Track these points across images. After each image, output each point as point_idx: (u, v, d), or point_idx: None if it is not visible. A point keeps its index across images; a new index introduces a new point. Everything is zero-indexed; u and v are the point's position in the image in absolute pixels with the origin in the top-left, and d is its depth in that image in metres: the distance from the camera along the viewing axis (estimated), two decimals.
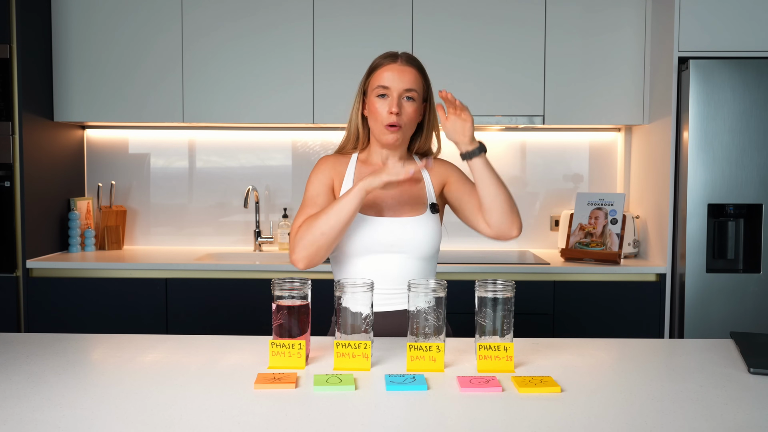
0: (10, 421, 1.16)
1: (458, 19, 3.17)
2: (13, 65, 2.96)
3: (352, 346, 1.44)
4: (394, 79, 1.73)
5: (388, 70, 1.74)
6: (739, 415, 1.20)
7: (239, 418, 1.17)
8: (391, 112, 1.71)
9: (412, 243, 1.74)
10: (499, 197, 1.72)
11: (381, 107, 1.73)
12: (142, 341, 1.68)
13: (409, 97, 1.74)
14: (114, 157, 3.57)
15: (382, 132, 1.74)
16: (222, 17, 3.21)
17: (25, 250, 2.99)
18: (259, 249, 3.48)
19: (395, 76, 1.73)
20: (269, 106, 3.22)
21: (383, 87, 1.73)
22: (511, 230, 1.75)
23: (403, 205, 1.78)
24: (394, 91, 1.73)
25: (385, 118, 1.72)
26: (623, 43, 3.17)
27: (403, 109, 1.73)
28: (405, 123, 1.74)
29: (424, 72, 1.80)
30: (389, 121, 1.72)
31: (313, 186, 1.78)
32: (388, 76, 1.74)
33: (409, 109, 1.74)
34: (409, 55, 1.79)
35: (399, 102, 1.72)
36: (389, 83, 1.73)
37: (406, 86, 1.73)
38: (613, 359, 1.59)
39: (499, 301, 1.47)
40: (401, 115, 1.72)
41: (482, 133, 3.49)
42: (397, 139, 1.74)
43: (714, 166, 2.82)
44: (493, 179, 1.71)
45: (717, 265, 2.90)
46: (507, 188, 1.75)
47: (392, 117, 1.71)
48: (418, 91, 1.75)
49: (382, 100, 1.74)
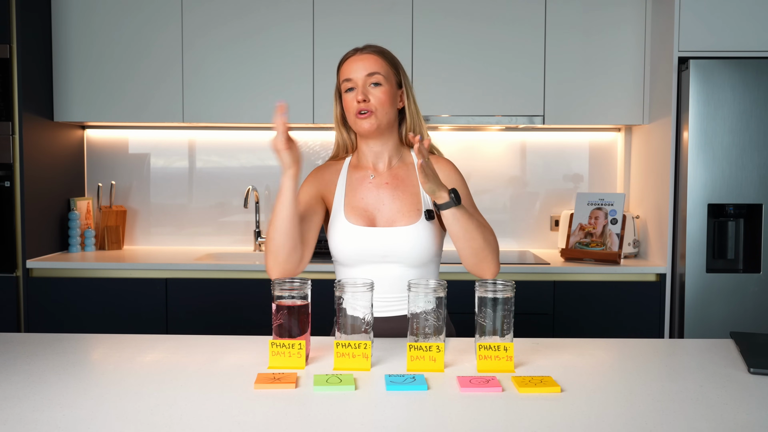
0: (10, 421, 1.16)
1: (458, 18, 3.17)
2: (13, 65, 2.96)
3: (352, 346, 1.44)
4: (355, 69, 1.71)
5: (349, 62, 1.73)
6: (739, 415, 1.20)
7: (239, 418, 1.17)
8: (358, 100, 1.69)
9: (406, 253, 1.70)
10: (469, 247, 1.64)
11: (350, 100, 1.71)
12: (142, 341, 1.68)
13: (374, 83, 1.71)
14: (114, 157, 3.57)
15: (356, 123, 1.72)
16: (222, 17, 3.21)
17: (25, 250, 2.99)
18: (259, 249, 3.48)
19: (355, 65, 1.71)
20: (269, 106, 3.20)
21: (347, 80, 1.72)
22: (483, 276, 1.68)
23: (397, 212, 1.73)
24: (357, 80, 1.71)
25: (354, 108, 1.70)
26: (623, 43, 3.17)
27: (370, 94, 1.70)
28: (376, 107, 1.70)
29: (389, 57, 1.76)
30: (357, 109, 1.70)
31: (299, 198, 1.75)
32: (348, 68, 1.72)
33: (376, 93, 1.70)
34: (369, 44, 1.77)
35: (364, 89, 1.70)
36: (351, 74, 1.71)
37: (368, 71, 1.70)
38: (613, 359, 1.59)
39: (499, 301, 1.47)
40: (369, 101, 1.70)
41: (482, 133, 3.50)
42: (371, 125, 1.70)
43: (714, 166, 2.82)
44: (462, 233, 1.62)
45: (717, 265, 2.90)
46: (481, 235, 1.64)
47: (360, 105, 1.69)
48: (382, 74, 1.71)
49: (351, 93, 1.72)
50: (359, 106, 1.70)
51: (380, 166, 1.79)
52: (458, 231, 1.63)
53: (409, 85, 1.79)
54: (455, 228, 1.63)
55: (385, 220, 1.73)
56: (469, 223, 1.63)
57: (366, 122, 1.70)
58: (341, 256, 1.72)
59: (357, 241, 1.70)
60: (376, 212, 1.74)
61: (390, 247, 1.70)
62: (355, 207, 1.74)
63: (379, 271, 1.71)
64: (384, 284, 1.70)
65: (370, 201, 1.75)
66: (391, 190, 1.76)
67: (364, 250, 1.70)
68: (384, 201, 1.75)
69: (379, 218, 1.74)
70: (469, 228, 1.63)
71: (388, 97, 1.72)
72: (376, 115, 1.71)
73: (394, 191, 1.75)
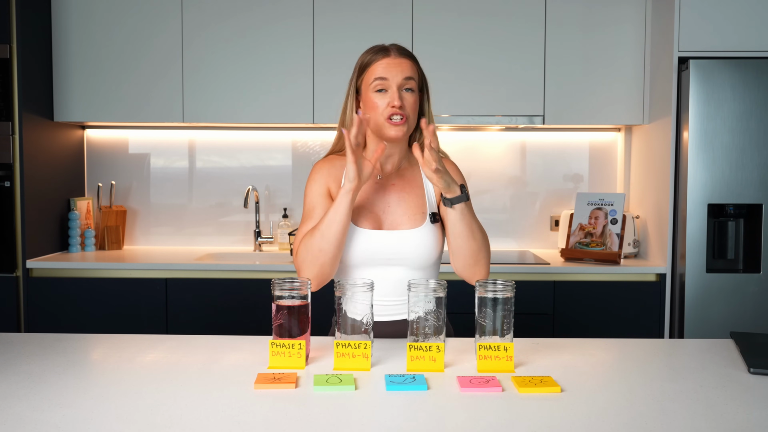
0: (10, 421, 1.16)
1: (458, 16, 3.17)
2: (13, 65, 2.96)
3: (352, 346, 1.44)
4: (392, 71, 1.68)
5: (383, 63, 1.69)
6: (739, 415, 1.20)
7: (239, 418, 1.17)
8: (394, 105, 1.66)
9: (410, 255, 1.70)
10: (465, 250, 1.65)
11: (380, 102, 1.68)
12: (142, 341, 1.68)
13: (408, 88, 1.69)
14: (114, 157, 3.57)
15: (386, 127, 1.68)
16: (221, 16, 3.21)
17: (25, 250, 2.99)
18: (259, 249, 3.48)
19: (392, 68, 1.68)
20: (269, 106, 3.22)
21: (381, 79, 1.68)
22: (471, 278, 1.70)
23: (402, 216, 1.73)
24: (393, 83, 1.68)
25: (387, 111, 1.67)
26: (623, 43, 3.17)
27: (405, 100, 1.68)
28: (409, 114, 1.69)
29: (417, 61, 1.75)
30: (391, 113, 1.66)
31: (309, 198, 1.74)
32: (384, 69, 1.69)
33: (410, 100, 1.69)
34: (399, 47, 1.74)
35: (400, 93, 1.68)
36: (388, 75, 1.67)
37: (405, 75, 1.68)
38: (613, 359, 1.59)
39: (499, 301, 1.47)
40: (404, 107, 1.68)
41: (482, 133, 3.49)
42: (404, 132, 1.69)
43: (714, 166, 2.82)
44: (465, 232, 1.63)
45: (717, 265, 2.90)
46: (479, 239, 1.65)
47: (395, 109, 1.66)
48: (416, 81, 1.71)
49: (381, 95, 1.68)
50: (394, 111, 1.67)
51: (388, 167, 1.78)
52: (462, 229, 1.64)
53: (428, 89, 1.78)
54: (459, 226, 1.64)
55: (391, 223, 1.73)
56: (473, 221, 1.65)
57: (399, 129, 1.68)
58: (346, 257, 1.71)
59: (363, 244, 1.69)
60: (382, 214, 1.73)
61: (395, 250, 1.69)
62: (361, 208, 1.73)
63: (382, 273, 1.70)
64: (387, 287, 1.70)
65: (376, 202, 1.74)
66: (397, 192, 1.75)
67: (369, 253, 1.69)
68: (390, 203, 1.74)
69: (384, 220, 1.73)
70: (472, 227, 1.65)
71: (417, 104, 1.72)
72: (408, 122, 1.69)
73: (401, 193, 1.75)
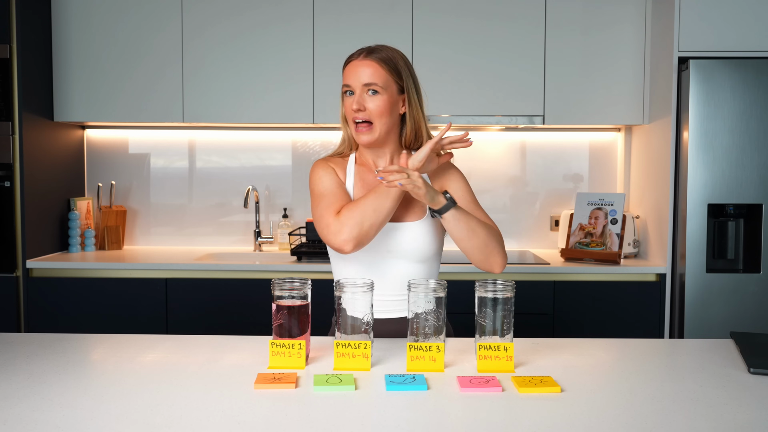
0: (10, 421, 1.16)
1: (458, 17, 3.17)
2: (13, 65, 2.96)
3: (352, 346, 1.44)
4: (353, 75, 1.70)
5: (350, 67, 1.72)
6: (739, 415, 1.20)
7: (239, 418, 1.17)
8: (353, 108, 1.69)
9: (410, 248, 1.71)
10: (473, 245, 1.67)
11: (347, 105, 1.72)
12: (142, 341, 1.68)
13: (371, 90, 1.69)
14: (114, 157, 3.57)
15: (355, 134, 1.72)
16: (221, 16, 3.21)
17: (25, 250, 2.99)
18: (259, 249, 3.48)
19: (354, 72, 1.70)
20: (269, 106, 3.22)
21: (345, 85, 1.72)
22: (492, 270, 1.71)
23: (403, 209, 1.73)
24: (355, 87, 1.70)
25: (351, 115, 1.71)
26: (623, 43, 3.17)
27: (366, 103, 1.69)
28: (373, 117, 1.69)
29: (388, 62, 1.72)
30: (353, 117, 1.70)
31: (324, 182, 1.72)
32: (348, 73, 1.72)
33: (373, 103, 1.69)
34: (373, 48, 1.73)
35: (360, 98, 1.69)
36: (350, 80, 1.70)
37: (365, 81, 1.69)
38: (613, 359, 1.59)
39: (499, 301, 1.47)
40: (365, 110, 1.69)
41: (482, 133, 3.50)
42: (370, 138, 1.70)
43: (714, 166, 2.82)
44: (464, 231, 1.64)
45: (717, 265, 2.90)
46: (481, 232, 1.66)
47: (355, 113, 1.69)
48: (379, 84, 1.69)
49: (349, 98, 1.72)
50: (355, 115, 1.70)
51: (381, 164, 1.79)
52: (461, 232, 1.64)
53: (413, 89, 1.75)
54: (457, 230, 1.64)
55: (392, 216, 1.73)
56: (469, 220, 1.65)
57: (365, 136, 1.70)
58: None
59: None
60: None
61: (395, 242, 1.70)
62: None
63: (382, 266, 1.71)
64: (386, 281, 1.71)
65: None
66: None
67: (370, 245, 1.69)
68: None
69: None
70: (470, 225, 1.65)
71: (386, 107, 1.70)
72: (374, 126, 1.70)
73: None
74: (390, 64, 1.72)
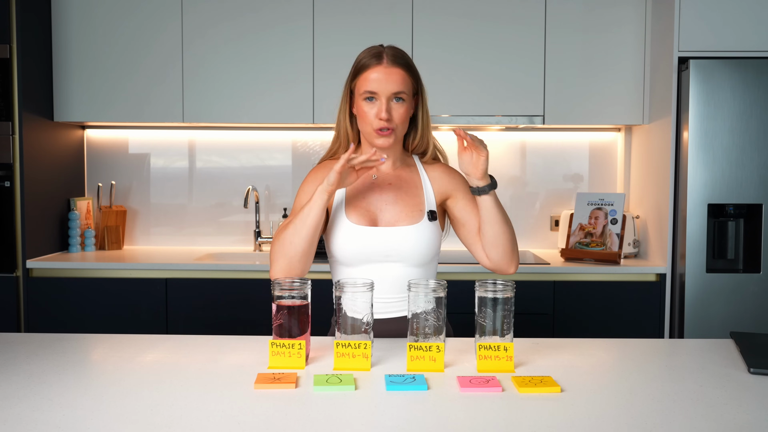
0: (10, 421, 1.16)
1: (458, 18, 3.17)
2: (13, 65, 2.96)
3: (352, 346, 1.44)
4: (381, 83, 1.66)
5: (374, 72, 1.67)
6: (739, 415, 1.20)
7: (239, 418, 1.17)
8: (381, 117, 1.66)
9: (408, 252, 1.70)
10: (503, 236, 1.70)
11: (369, 111, 1.68)
12: (142, 341, 1.68)
13: (398, 98, 1.68)
14: (114, 157, 3.57)
15: (373, 135, 1.69)
16: (222, 17, 3.21)
17: (25, 250, 2.99)
18: (259, 249, 3.48)
19: (381, 79, 1.66)
20: (269, 106, 3.22)
21: (370, 92, 1.67)
22: (509, 268, 1.73)
23: (399, 213, 1.73)
24: (382, 95, 1.67)
25: (375, 123, 1.67)
26: (623, 43, 3.17)
27: (393, 111, 1.67)
28: (397, 125, 1.69)
29: (411, 68, 1.72)
30: (379, 126, 1.67)
31: (300, 198, 1.73)
32: (374, 80, 1.66)
33: (399, 111, 1.68)
34: (394, 53, 1.71)
35: (388, 106, 1.67)
36: (376, 88, 1.66)
37: (394, 89, 1.67)
38: (613, 359, 1.59)
39: (499, 301, 1.47)
40: (391, 119, 1.67)
41: (482, 132, 3.49)
42: (390, 142, 1.70)
43: (714, 166, 2.82)
44: (500, 217, 1.68)
45: (717, 265, 2.90)
46: (511, 225, 1.72)
47: (382, 122, 1.66)
48: (407, 92, 1.69)
49: (370, 104, 1.68)
50: (381, 123, 1.67)
51: (383, 168, 1.79)
52: (497, 215, 1.69)
53: (424, 92, 1.77)
54: (494, 212, 1.68)
55: (388, 220, 1.72)
56: (503, 212, 1.71)
57: (385, 140, 1.69)
58: (343, 255, 1.71)
59: (360, 241, 1.69)
60: (379, 212, 1.73)
61: (393, 247, 1.70)
62: (357, 206, 1.73)
63: (380, 270, 1.71)
64: (385, 284, 1.70)
65: (372, 201, 1.74)
66: (394, 191, 1.75)
67: (366, 250, 1.69)
68: (387, 201, 1.74)
69: (381, 218, 1.73)
70: (504, 213, 1.71)
71: (408, 113, 1.72)
72: (396, 131, 1.70)
73: (398, 192, 1.75)
74: (413, 69, 1.73)
